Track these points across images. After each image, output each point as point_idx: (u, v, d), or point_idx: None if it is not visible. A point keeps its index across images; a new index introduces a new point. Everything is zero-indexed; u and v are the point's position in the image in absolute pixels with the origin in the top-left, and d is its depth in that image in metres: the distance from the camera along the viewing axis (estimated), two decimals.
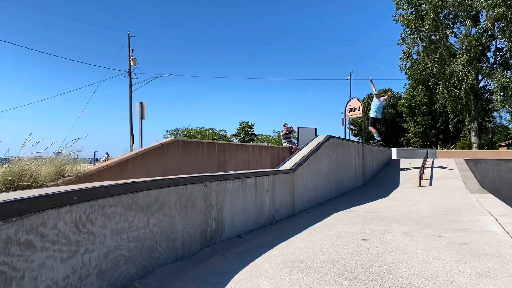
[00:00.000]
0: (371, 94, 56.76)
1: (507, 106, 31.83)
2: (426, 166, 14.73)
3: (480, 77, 33.37)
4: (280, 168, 6.51)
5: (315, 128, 19.92)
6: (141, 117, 16.59)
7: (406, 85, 42.92)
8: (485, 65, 32.94)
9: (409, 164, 16.57)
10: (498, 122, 42.44)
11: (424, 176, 12.95)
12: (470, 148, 34.46)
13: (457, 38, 33.20)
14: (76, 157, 5.23)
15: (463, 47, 30.38)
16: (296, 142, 17.56)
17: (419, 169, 13.05)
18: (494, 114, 39.91)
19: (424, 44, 33.40)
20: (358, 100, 23.93)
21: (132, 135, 27.04)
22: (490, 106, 35.56)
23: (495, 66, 32.64)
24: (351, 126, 47.37)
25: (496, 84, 30.18)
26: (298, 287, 2.69)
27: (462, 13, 32.99)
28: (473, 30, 32.48)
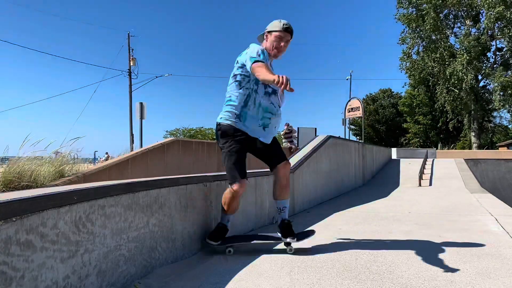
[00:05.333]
0: (371, 94, 56.44)
1: (506, 106, 31.83)
2: (426, 166, 14.75)
3: (480, 77, 33.36)
4: None
5: (315, 128, 19.91)
6: (141, 117, 16.59)
7: (406, 85, 42.95)
8: (485, 65, 32.94)
9: (409, 164, 16.58)
10: (498, 122, 42.42)
11: (424, 176, 12.96)
12: (470, 148, 34.46)
13: (457, 38, 33.20)
14: (76, 157, 5.24)
15: (463, 47, 30.37)
16: (296, 142, 17.56)
17: (419, 169, 13.06)
18: (494, 114, 39.90)
19: (424, 44, 33.41)
20: (358, 100, 23.96)
21: (132, 135, 27.04)
22: (490, 106, 35.56)
23: (495, 66, 32.63)
24: (351, 126, 47.37)
25: (496, 84, 30.19)
26: (298, 287, 2.69)
27: (462, 13, 32.99)
28: (473, 30, 32.49)
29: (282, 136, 16.29)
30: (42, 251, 1.91)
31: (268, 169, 3.85)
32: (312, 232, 3.77)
